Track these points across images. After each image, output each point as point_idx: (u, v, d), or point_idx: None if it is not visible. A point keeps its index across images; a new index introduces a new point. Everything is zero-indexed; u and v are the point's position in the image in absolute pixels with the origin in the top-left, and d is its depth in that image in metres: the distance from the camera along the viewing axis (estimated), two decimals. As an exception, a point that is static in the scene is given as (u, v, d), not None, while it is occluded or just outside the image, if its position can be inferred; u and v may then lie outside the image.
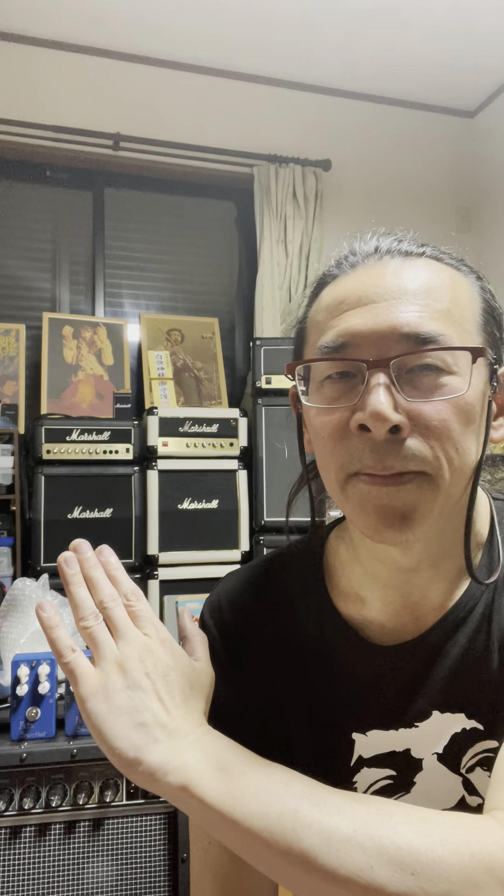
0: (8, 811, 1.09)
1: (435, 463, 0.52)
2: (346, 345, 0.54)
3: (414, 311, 0.53)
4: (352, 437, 0.53)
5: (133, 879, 1.12)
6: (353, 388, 0.53)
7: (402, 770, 0.60)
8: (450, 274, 0.57)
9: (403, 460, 0.51)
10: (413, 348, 0.52)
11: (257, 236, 2.90)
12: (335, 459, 0.54)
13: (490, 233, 3.22)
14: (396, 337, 0.52)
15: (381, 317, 0.53)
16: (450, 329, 0.53)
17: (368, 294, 0.54)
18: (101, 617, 0.55)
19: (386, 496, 0.52)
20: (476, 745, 0.59)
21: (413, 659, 0.60)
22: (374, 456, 0.51)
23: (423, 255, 0.58)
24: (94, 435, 2.26)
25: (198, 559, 2.30)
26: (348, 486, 0.54)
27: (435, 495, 0.52)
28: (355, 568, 0.64)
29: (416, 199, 3.19)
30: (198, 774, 0.48)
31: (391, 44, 2.76)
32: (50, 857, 1.10)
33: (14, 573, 2.16)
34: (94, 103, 2.79)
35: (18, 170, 2.82)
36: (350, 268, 0.58)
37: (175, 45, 2.78)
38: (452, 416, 0.52)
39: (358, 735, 0.61)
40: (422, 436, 0.51)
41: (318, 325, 0.58)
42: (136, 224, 2.98)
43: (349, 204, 3.07)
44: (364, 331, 0.53)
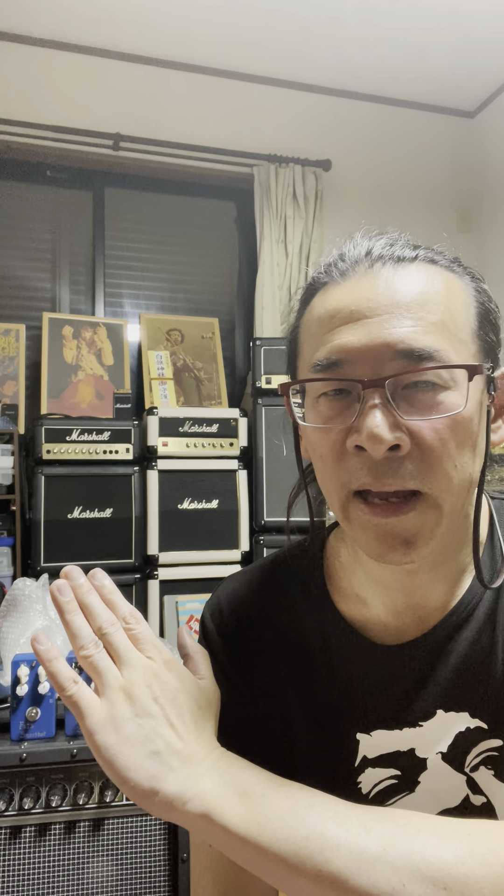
0: (8, 811, 1.09)
1: (434, 482, 0.51)
2: (340, 362, 0.53)
3: (408, 327, 0.52)
4: (350, 456, 0.52)
5: (133, 879, 1.12)
6: (348, 405, 0.53)
7: (407, 770, 0.60)
8: (444, 279, 0.56)
9: (402, 479, 0.51)
10: (408, 365, 0.51)
11: (257, 236, 2.90)
12: (335, 479, 0.54)
13: (490, 233, 3.22)
14: (391, 354, 0.51)
15: (375, 333, 0.52)
16: (445, 342, 0.52)
17: (360, 308, 0.53)
18: (101, 644, 0.53)
19: (387, 525, 0.52)
20: (480, 744, 0.59)
21: (417, 658, 0.60)
22: (373, 475, 0.51)
23: (417, 258, 0.56)
24: (94, 435, 2.26)
25: (198, 559, 2.30)
26: (350, 507, 0.54)
27: (437, 518, 0.52)
28: (356, 570, 0.63)
29: (416, 199, 3.19)
30: (218, 801, 0.47)
31: (391, 44, 2.76)
32: (50, 857, 1.10)
33: (14, 573, 2.16)
34: (94, 103, 2.79)
35: (18, 170, 2.82)
36: (341, 276, 0.57)
37: (175, 45, 2.78)
38: (450, 435, 0.51)
39: (362, 735, 0.61)
40: (421, 455, 0.51)
41: (310, 338, 0.57)
42: (136, 224, 2.98)
43: (349, 204, 3.07)
44: (357, 347, 0.52)
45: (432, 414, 0.51)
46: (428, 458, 0.51)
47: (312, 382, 0.55)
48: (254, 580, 0.70)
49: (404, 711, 0.60)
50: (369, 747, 0.61)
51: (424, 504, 0.52)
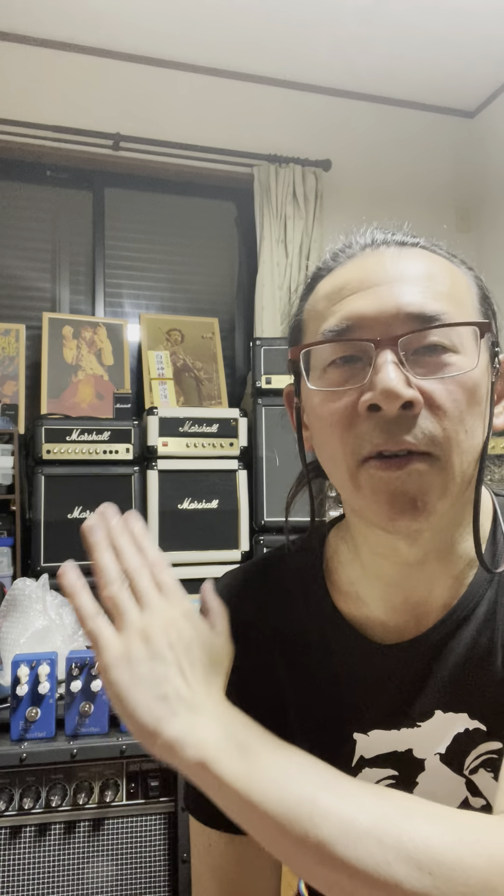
0: (8, 811, 1.09)
1: (445, 444, 0.51)
2: (352, 328, 0.53)
3: (417, 292, 0.53)
4: (360, 420, 0.52)
5: (133, 879, 1.12)
6: (359, 371, 0.53)
7: (404, 770, 0.59)
8: (444, 263, 0.58)
9: (415, 438, 0.51)
10: (419, 326, 0.52)
11: (257, 236, 2.90)
12: (345, 446, 0.53)
13: (490, 233, 3.22)
14: (402, 317, 0.52)
15: (385, 298, 0.53)
16: (453, 308, 0.53)
17: (370, 278, 0.55)
18: (126, 585, 0.54)
19: (397, 480, 0.51)
20: (479, 747, 0.58)
21: (415, 657, 0.59)
22: (386, 434, 0.51)
23: (418, 245, 0.59)
24: (94, 435, 2.26)
25: (198, 559, 2.30)
26: (360, 473, 0.53)
27: (444, 479, 0.52)
28: (356, 567, 0.63)
29: (416, 199, 3.19)
30: (217, 752, 0.48)
31: (391, 44, 2.76)
32: (50, 857, 1.10)
33: (14, 573, 2.16)
34: (94, 103, 2.79)
35: (18, 170, 2.82)
36: (347, 259, 0.58)
37: (175, 45, 2.78)
38: (461, 396, 0.52)
39: (359, 735, 0.61)
40: (433, 415, 0.51)
41: (317, 313, 0.58)
42: (136, 224, 2.98)
43: (349, 204, 3.07)
44: (369, 313, 0.53)
45: (443, 373, 0.51)
46: (440, 418, 0.51)
47: (321, 351, 0.55)
48: (251, 576, 0.69)
49: (402, 711, 0.59)
50: (366, 747, 0.60)
51: (435, 464, 0.52)
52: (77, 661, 1.17)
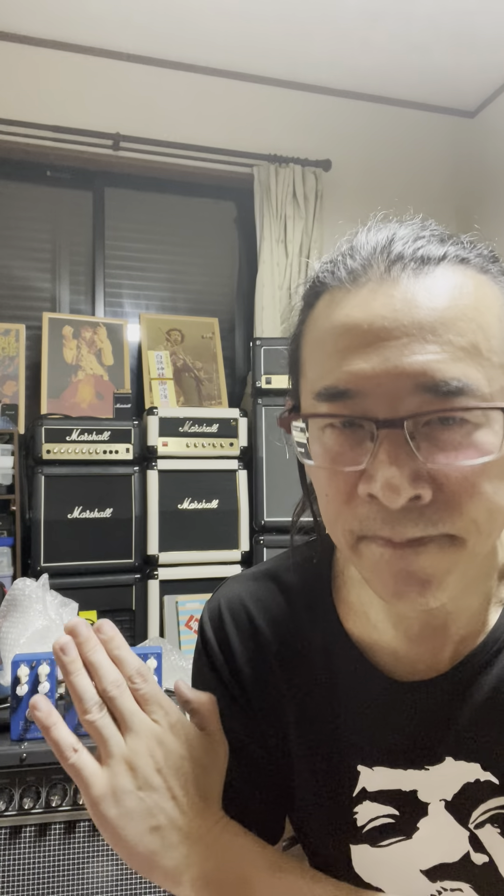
0: (8, 811, 1.09)
1: (460, 528, 0.44)
2: (350, 393, 0.45)
3: (432, 353, 0.43)
4: (361, 502, 0.45)
5: (133, 879, 1.12)
6: (359, 442, 0.45)
7: (406, 811, 0.56)
8: (476, 285, 0.46)
9: (425, 528, 0.44)
10: (432, 401, 0.43)
11: (257, 236, 2.90)
12: (342, 523, 0.47)
13: (490, 233, 3.20)
14: (411, 387, 0.43)
15: (393, 361, 0.43)
16: (476, 371, 0.43)
17: (375, 329, 0.44)
18: (105, 708, 0.51)
19: (403, 562, 0.45)
20: (489, 801, 0.54)
21: (429, 700, 0.55)
22: (389, 527, 0.44)
23: (445, 258, 0.47)
24: (94, 435, 2.26)
25: (198, 559, 2.30)
26: (360, 547, 0.47)
27: (459, 558, 0.45)
28: (365, 587, 0.55)
29: (416, 199, 3.18)
30: (214, 886, 0.47)
31: (391, 44, 2.76)
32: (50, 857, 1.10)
33: (14, 573, 2.16)
34: (94, 103, 2.79)
35: (18, 170, 2.82)
36: (351, 281, 0.47)
37: (175, 45, 2.78)
38: (483, 479, 0.43)
39: (363, 768, 0.57)
40: (447, 504, 0.44)
41: (315, 356, 0.49)
42: (136, 224, 2.98)
43: (349, 204, 3.07)
44: (371, 377, 0.44)
45: (461, 457, 0.43)
46: (455, 505, 0.44)
47: (317, 407, 0.47)
48: (256, 588, 0.64)
49: (410, 752, 0.55)
50: (370, 780, 0.57)
51: (447, 542, 0.45)
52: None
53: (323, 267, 0.50)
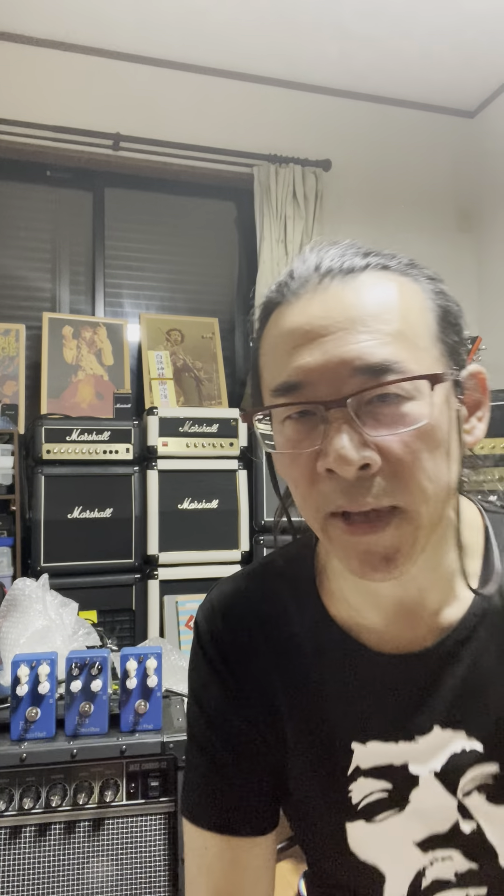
0: (8, 811, 1.09)
1: (407, 496, 0.51)
2: (300, 384, 0.52)
3: (364, 341, 0.50)
4: (322, 479, 0.51)
5: (133, 879, 1.12)
6: (314, 427, 0.52)
7: (398, 785, 0.59)
8: (397, 285, 0.54)
9: (377, 497, 0.50)
10: (368, 381, 0.50)
11: (257, 236, 2.90)
12: (310, 503, 0.53)
13: (490, 233, 3.22)
14: (349, 371, 0.50)
15: (331, 352, 0.51)
16: (403, 352, 0.50)
17: (314, 328, 0.52)
18: None
19: (366, 543, 0.51)
20: (474, 768, 0.58)
21: (417, 671, 0.59)
22: (347, 497, 0.50)
23: (367, 267, 0.54)
24: (94, 435, 2.26)
25: (198, 559, 2.30)
26: (328, 528, 0.53)
27: (415, 531, 0.51)
28: (346, 575, 0.61)
29: (416, 199, 3.19)
30: None
31: (391, 44, 2.76)
32: (50, 857, 1.10)
33: (14, 573, 2.16)
34: (94, 103, 2.79)
35: (18, 170, 2.82)
36: (293, 295, 0.55)
37: (175, 45, 2.78)
38: (420, 446, 0.50)
39: (357, 745, 0.60)
40: (392, 471, 0.50)
41: (268, 362, 0.56)
42: (136, 224, 2.98)
43: (349, 204, 3.07)
44: (315, 368, 0.51)
45: (399, 427, 0.50)
46: (400, 472, 0.50)
47: (276, 407, 0.54)
48: (245, 585, 0.69)
49: (400, 724, 0.59)
50: (363, 758, 0.60)
51: (402, 518, 0.51)
52: (77, 661, 1.17)
53: (270, 291, 0.58)
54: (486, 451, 2.05)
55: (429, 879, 0.59)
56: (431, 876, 0.59)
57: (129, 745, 1.13)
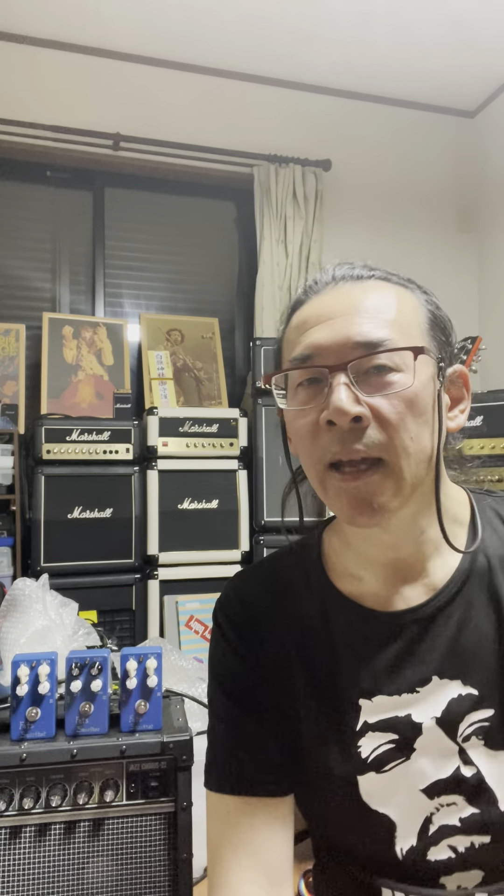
0: (8, 811, 1.09)
1: (392, 450, 0.60)
2: (312, 356, 0.63)
3: (365, 323, 0.62)
4: (323, 432, 0.62)
5: (133, 879, 1.12)
6: (320, 391, 0.63)
7: (404, 734, 0.65)
8: (396, 291, 0.66)
9: (366, 447, 0.60)
10: (365, 352, 0.61)
11: (257, 236, 2.90)
12: (312, 454, 0.63)
13: (490, 233, 3.22)
14: (352, 345, 0.61)
15: (338, 329, 0.63)
16: (396, 334, 0.62)
17: (326, 313, 0.64)
18: None
19: (355, 489, 0.61)
20: (472, 714, 0.64)
21: (412, 626, 0.67)
22: (341, 444, 0.60)
23: (373, 277, 0.67)
24: (94, 435, 2.26)
25: (198, 559, 2.30)
26: (326, 480, 0.63)
27: (396, 481, 0.61)
28: (348, 553, 0.72)
29: (417, 198, 3.19)
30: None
31: (391, 44, 2.76)
32: (50, 857, 1.10)
33: (14, 573, 2.16)
34: (94, 103, 2.79)
35: (18, 170, 2.82)
36: (314, 294, 0.68)
37: (175, 45, 2.78)
38: (405, 409, 0.60)
39: (364, 701, 0.67)
40: (380, 426, 0.60)
41: (289, 342, 0.68)
42: (136, 224, 2.98)
43: (349, 204, 3.07)
44: (325, 342, 0.63)
45: (387, 391, 0.61)
46: (387, 427, 0.60)
47: (292, 374, 0.66)
48: (259, 574, 0.78)
49: (403, 677, 0.66)
50: (370, 712, 0.66)
51: (386, 469, 0.61)
52: (77, 661, 1.17)
53: (298, 293, 0.72)
54: (487, 451, 2.05)
55: (436, 825, 0.64)
56: (438, 822, 0.64)
57: (129, 745, 1.13)
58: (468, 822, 0.63)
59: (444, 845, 0.63)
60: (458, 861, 0.63)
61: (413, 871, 0.64)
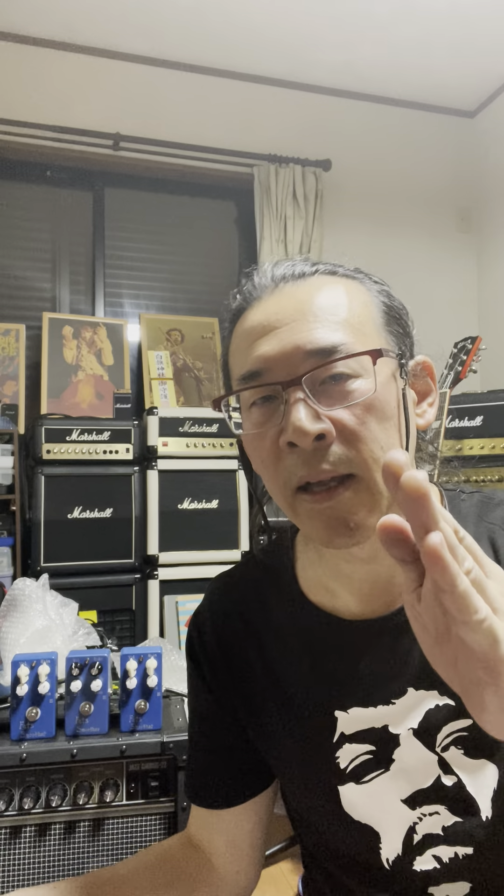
0: (8, 811, 1.09)
1: (361, 464, 0.55)
2: (261, 371, 0.58)
3: (313, 328, 0.56)
4: (285, 455, 0.56)
5: (133, 879, 1.12)
6: (276, 409, 0.57)
7: (381, 745, 0.63)
8: (343, 285, 0.60)
9: (334, 465, 0.55)
10: (319, 361, 0.55)
11: (257, 236, 2.90)
12: (277, 479, 0.58)
13: (490, 233, 3.22)
14: (302, 355, 0.56)
15: (286, 339, 0.57)
16: (349, 336, 0.56)
17: (271, 321, 0.58)
18: None
19: (328, 510, 0.56)
20: (449, 724, 0.61)
21: (385, 636, 0.63)
22: (307, 467, 0.55)
23: (317, 272, 0.61)
24: (94, 435, 2.26)
25: (198, 559, 2.30)
26: (295, 504, 0.58)
27: (371, 496, 0.56)
28: (322, 564, 0.67)
29: (416, 199, 3.19)
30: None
31: (391, 44, 2.76)
32: (50, 857, 1.10)
33: (14, 573, 2.16)
34: (94, 103, 2.79)
35: (18, 170, 2.82)
36: (254, 300, 0.62)
37: (175, 45, 2.78)
38: (369, 417, 0.55)
39: (340, 713, 0.64)
40: (345, 440, 0.55)
41: (236, 358, 0.62)
42: (136, 224, 2.98)
43: (349, 204, 3.07)
44: (273, 355, 0.57)
45: (348, 401, 0.55)
46: (353, 440, 0.55)
47: (242, 393, 0.60)
48: (227, 580, 0.76)
49: (377, 689, 0.63)
50: (346, 724, 0.64)
51: (358, 484, 0.55)
52: (77, 661, 1.17)
53: (234, 300, 0.64)
54: (487, 451, 2.05)
55: (420, 835, 0.62)
56: (422, 831, 0.62)
57: (129, 745, 1.13)
58: (451, 831, 0.61)
59: (428, 855, 0.62)
60: (444, 872, 0.62)
61: (401, 881, 0.63)
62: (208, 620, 0.74)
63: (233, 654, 0.71)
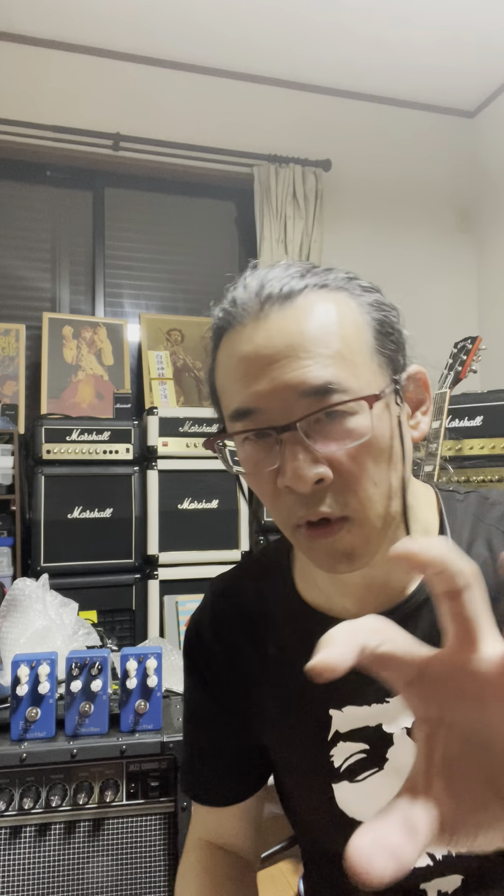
0: (8, 811, 1.09)
1: (357, 505, 0.56)
2: (254, 409, 0.56)
3: (306, 366, 0.55)
4: (283, 494, 0.57)
5: (133, 879, 1.12)
6: (270, 446, 0.57)
7: (375, 744, 0.64)
8: (335, 303, 0.57)
9: (330, 507, 0.56)
10: (314, 403, 0.54)
11: (257, 236, 2.90)
12: (277, 514, 0.59)
13: (490, 233, 3.22)
14: (296, 395, 0.55)
15: (278, 379, 0.55)
16: (344, 371, 0.55)
17: (260, 355, 0.56)
18: None
19: (327, 546, 0.57)
20: None
21: None
22: (305, 508, 0.56)
23: (305, 288, 0.57)
24: (94, 435, 2.26)
25: (198, 559, 2.30)
26: (296, 537, 0.59)
27: (366, 533, 0.57)
28: (317, 570, 0.67)
29: (416, 198, 3.19)
30: None
31: (391, 44, 2.76)
32: (50, 857, 1.10)
33: (14, 573, 2.16)
34: (94, 103, 2.79)
35: (18, 170, 2.82)
36: (238, 323, 0.59)
37: (175, 45, 2.78)
38: (365, 456, 0.56)
39: (335, 711, 0.65)
40: (343, 483, 0.55)
41: (225, 387, 0.60)
42: (136, 224, 2.98)
43: (349, 204, 3.07)
44: (265, 394, 0.56)
45: (346, 442, 0.55)
46: (349, 483, 0.55)
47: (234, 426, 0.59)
48: (225, 581, 0.77)
49: (371, 687, 0.63)
50: (341, 722, 0.65)
51: (352, 524, 0.56)
52: (77, 661, 1.17)
53: (216, 316, 0.62)
54: (487, 451, 2.05)
55: None
56: None
57: (129, 745, 1.13)
58: None
59: None
60: (437, 867, 0.63)
61: None
62: (207, 619, 0.75)
63: (230, 653, 0.72)
